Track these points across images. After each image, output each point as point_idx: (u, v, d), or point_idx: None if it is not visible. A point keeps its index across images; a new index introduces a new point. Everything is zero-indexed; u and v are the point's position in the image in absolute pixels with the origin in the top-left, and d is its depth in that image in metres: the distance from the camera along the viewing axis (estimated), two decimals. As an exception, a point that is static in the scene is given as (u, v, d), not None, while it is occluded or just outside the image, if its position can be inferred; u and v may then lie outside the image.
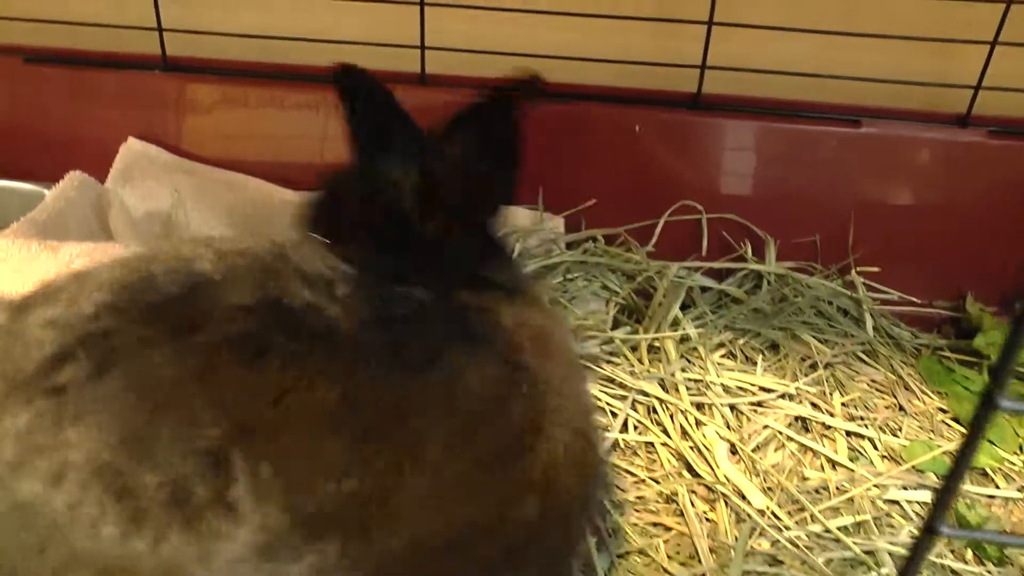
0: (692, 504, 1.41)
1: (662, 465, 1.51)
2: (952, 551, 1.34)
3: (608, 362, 1.65)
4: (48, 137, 2.01)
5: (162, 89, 1.99)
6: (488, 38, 1.93)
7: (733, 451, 1.51)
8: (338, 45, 1.90)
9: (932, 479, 1.47)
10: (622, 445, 1.54)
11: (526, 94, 0.98)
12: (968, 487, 1.46)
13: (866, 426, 1.58)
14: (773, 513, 1.38)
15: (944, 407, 1.65)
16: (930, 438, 1.57)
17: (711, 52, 1.87)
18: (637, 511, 1.44)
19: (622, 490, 1.47)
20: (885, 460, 1.53)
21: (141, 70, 1.98)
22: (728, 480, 1.43)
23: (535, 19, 1.90)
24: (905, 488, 1.45)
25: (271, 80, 1.96)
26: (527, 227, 1.90)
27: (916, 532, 1.35)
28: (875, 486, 1.45)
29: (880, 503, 1.42)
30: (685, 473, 1.49)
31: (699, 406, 1.58)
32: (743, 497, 1.41)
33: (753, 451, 1.50)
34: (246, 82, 1.96)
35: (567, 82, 1.93)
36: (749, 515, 1.37)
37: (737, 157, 1.94)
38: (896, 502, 1.43)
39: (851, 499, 1.43)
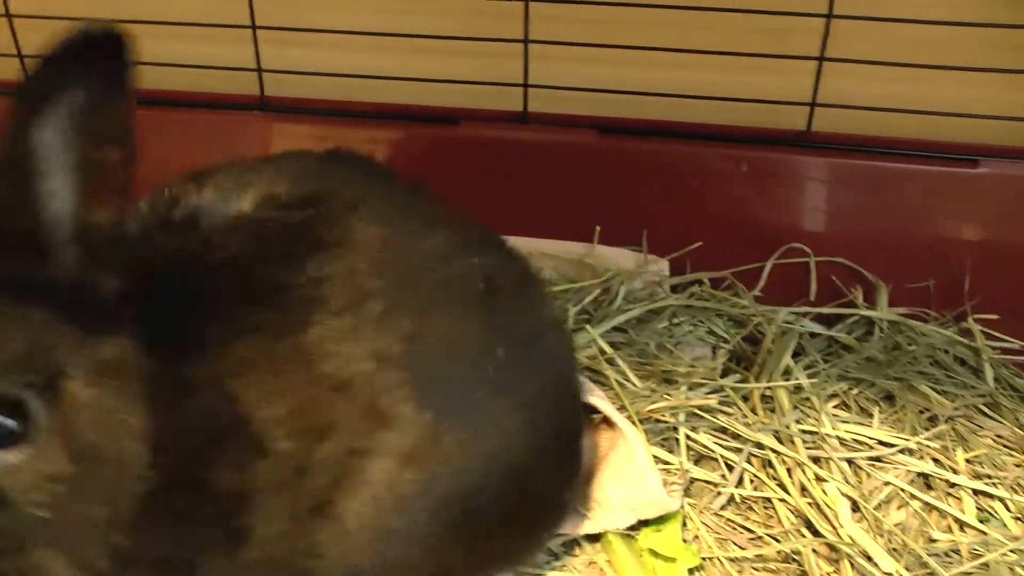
0: (817, 565, 1.34)
1: (780, 522, 1.45)
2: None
3: (720, 411, 1.59)
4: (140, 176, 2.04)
5: (258, 129, 2.01)
6: (590, 77, 1.91)
7: (854, 508, 1.44)
8: (435, 84, 1.91)
9: (1072, 545, 1.38)
10: (737, 499, 1.48)
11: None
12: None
13: (995, 485, 1.50)
14: (902, 577, 1.31)
15: (1078, 466, 1.56)
16: (1066, 500, 1.48)
17: (821, 88, 1.82)
18: (756, 570, 1.38)
19: (740, 547, 1.41)
20: (1019, 522, 1.44)
21: (238, 110, 2.00)
22: (853, 540, 1.36)
23: (639, 56, 1.87)
24: (1044, 554, 1.36)
25: (365, 119, 1.96)
26: (631, 269, 1.87)
27: (1061, 604, 1.27)
28: (1011, 551, 1.37)
29: (1019, 570, 1.34)
30: (805, 531, 1.42)
31: (816, 459, 1.52)
32: (869, 559, 1.34)
33: (875, 509, 1.43)
34: (341, 122, 1.97)
35: (672, 120, 1.90)
36: (877, 579, 1.30)
37: (846, 198, 1.88)
38: (1035, 569, 1.34)
39: (986, 564, 1.35)
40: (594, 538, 1.43)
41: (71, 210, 0.78)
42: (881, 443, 1.56)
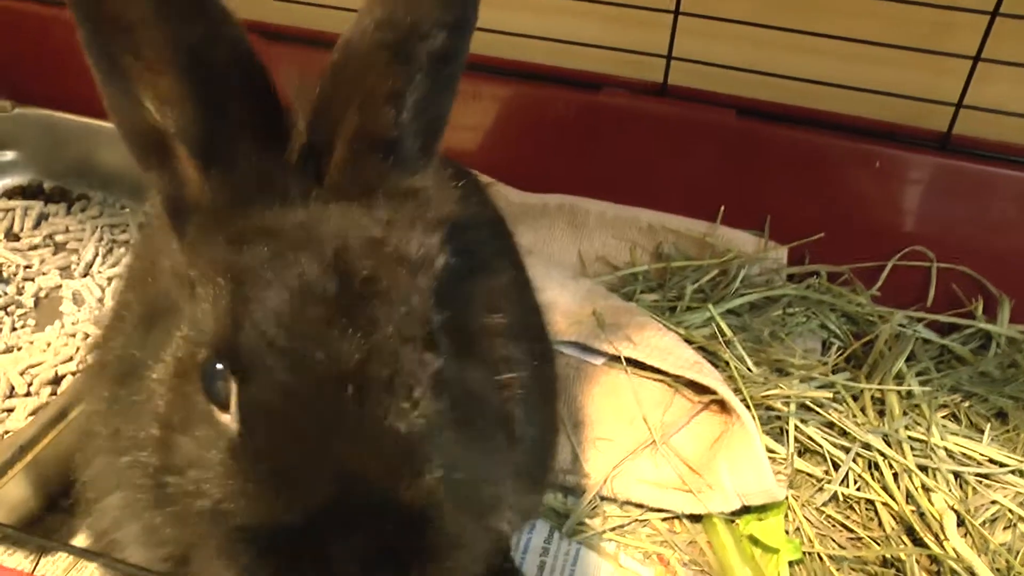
0: (918, 575, 1.35)
1: (881, 526, 1.45)
2: None
3: (830, 407, 1.59)
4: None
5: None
6: (735, 55, 1.88)
7: (959, 523, 1.44)
8: (579, 48, 1.89)
9: None
10: (840, 498, 1.49)
11: None
12: None
13: (1105, 516, 1.48)
14: (1007, 600, 1.31)
15: None
16: None
17: (970, 91, 1.77)
18: (854, 571, 1.40)
19: (840, 546, 1.43)
20: None
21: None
22: (958, 555, 1.37)
23: (786, 39, 1.83)
24: None
25: (505, 76, 1.96)
26: (750, 254, 1.86)
27: None
28: (1118, 587, 1.36)
29: (1125, 606, 1.33)
30: (905, 538, 1.43)
31: (923, 468, 1.51)
32: (973, 575, 1.35)
33: (980, 526, 1.43)
34: (482, 77, 1.97)
35: (809, 107, 1.87)
36: (981, 598, 1.31)
37: (980, 206, 1.84)
38: None
39: (1090, 596, 1.34)
40: (696, 518, 1.45)
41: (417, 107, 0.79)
42: (991, 461, 1.55)
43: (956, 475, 1.52)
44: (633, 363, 1.58)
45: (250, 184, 0.76)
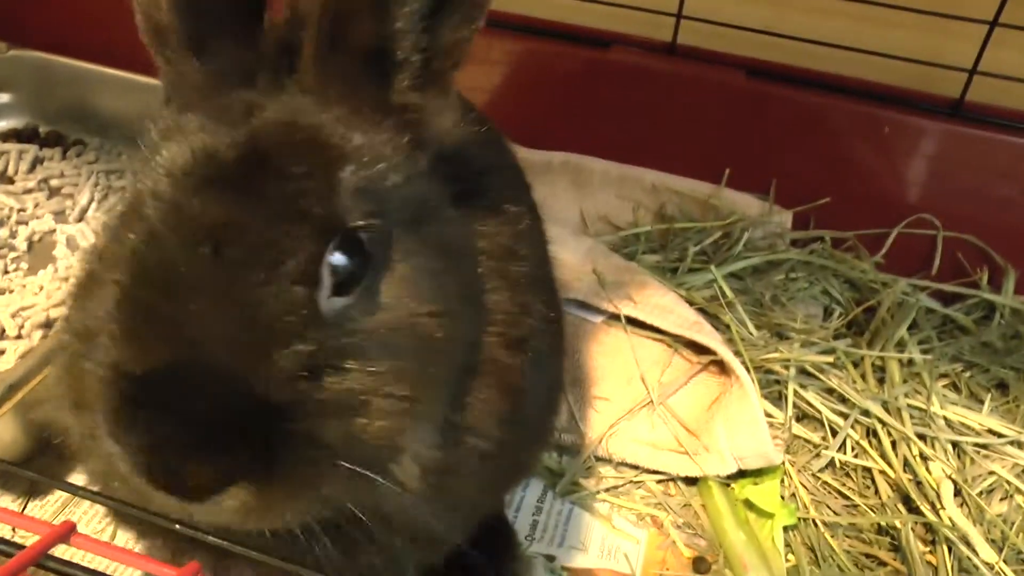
0: (913, 544, 1.34)
1: (878, 494, 1.44)
2: None
3: (830, 372, 1.57)
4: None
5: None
6: (746, 15, 1.84)
7: (955, 492, 1.43)
8: (588, 4, 1.85)
9: None
10: (837, 464, 1.48)
11: None
12: None
13: (1105, 489, 1.48)
14: (1001, 571, 1.30)
15: None
16: None
17: (984, 57, 1.73)
18: (849, 537, 1.39)
19: (835, 513, 1.42)
20: (1123, 531, 1.42)
21: None
22: (954, 524, 1.36)
23: (793, 1, 1.80)
24: None
25: (514, 32, 1.93)
26: (754, 217, 1.83)
27: None
28: (1114, 559, 1.35)
29: (1122, 579, 1.32)
30: (901, 507, 1.42)
31: (921, 437, 1.50)
32: (968, 545, 1.34)
33: (978, 496, 1.42)
34: (488, 32, 1.92)
35: (819, 69, 1.83)
36: (976, 567, 1.30)
37: (989, 175, 1.81)
38: None
39: (1086, 567, 1.33)
40: (691, 481, 1.44)
41: (420, 24, 0.76)
42: (990, 431, 1.54)
43: (954, 445, 1.51)
44: (633, 322, 1.56)
45: (226, 72, 0.78)
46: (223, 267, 0.66)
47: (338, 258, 0.71)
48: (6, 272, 1.65)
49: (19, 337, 1.49)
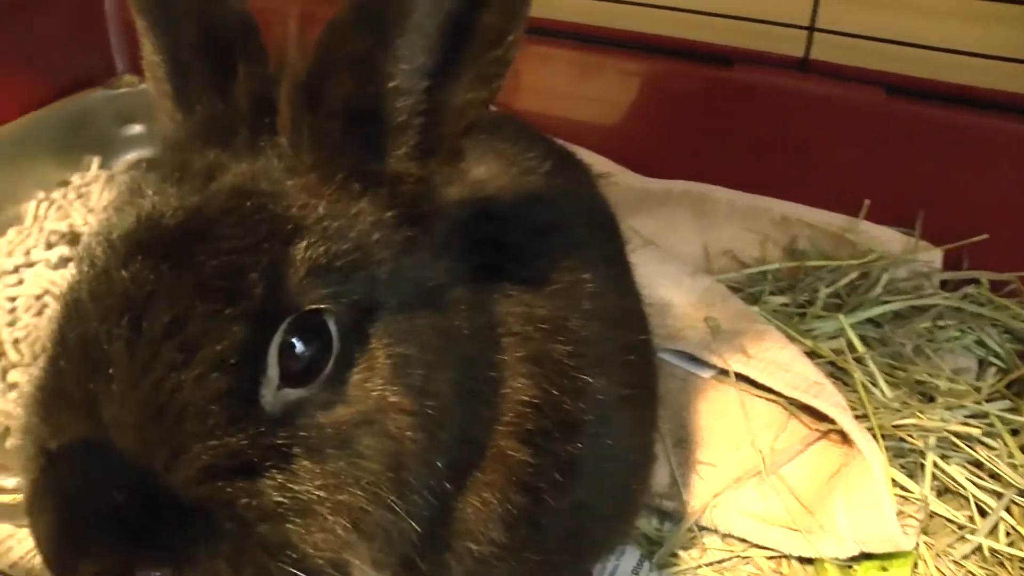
0: (1075, 658, 1.13)
1: (1034, 590, 1.23)
2: None
3: (980, 442, 1.37)
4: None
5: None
6: (886, 26, 1.65)
7: None
8: (709, 18, 1.72)
9: None
10: (986, 551, 1.28)
11: None
12: None
13: None
14: None
15: None
16: None
17: None
18: (994, 639, 1.19)
19: (979, 609, 1.22)
20: None
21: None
22: None
23: (947, 6, 1.60)
24: None
25: (630, 50, 1.81)
26: (896, 255, 1.64)
27: None
28: None
29: None
30: (1063, 608, 1.21)
31: (1094, 526, 1.27)
32: None
33: None
34: (603, 51, 1.83)
35: (972, 85, 1.62)
36: None
37: None
38: None
39: None
40: (807, 560, 1.28)
41: (423, 83, 0.68)
42: None
43: None
44: (746, 379, 1.41)
45: (205, 128, 0.72)
46: (141, 345, 0.59)
47: (293, 344, 0.62)
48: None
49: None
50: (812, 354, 1.48)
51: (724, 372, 1.43)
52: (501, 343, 0.79)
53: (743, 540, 1.31)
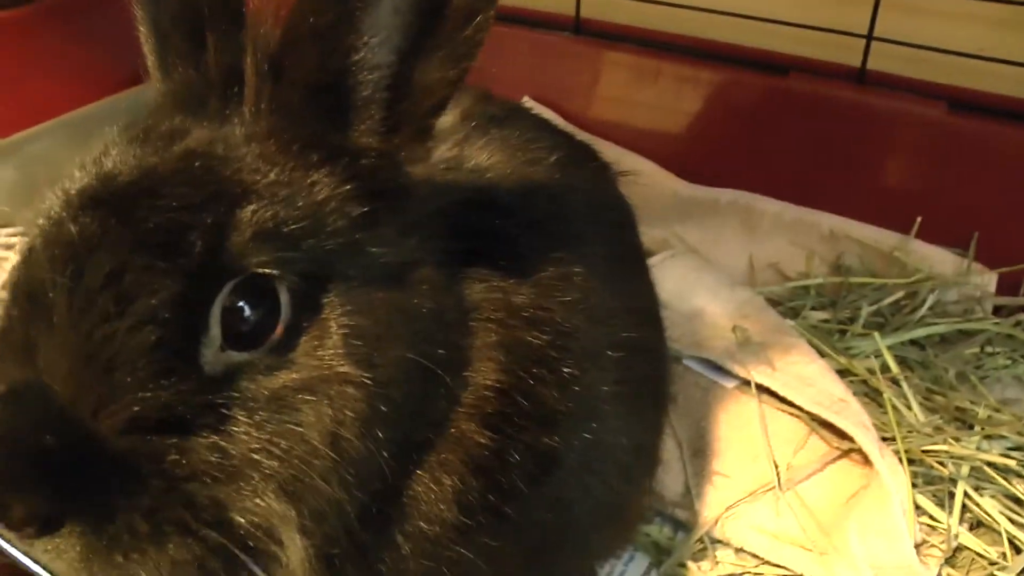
0: None
1: (1066, 635, 1.16)
2: None
3: (1019, 475, 1.29)
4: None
5: (573, 52, 1.90)
6: (949, 37, 1.57)
7: None
8: (764, 25, 1.67)
9: None
10: (1018, 595, 1.21)
11: None
12: None
13: None
14: None
15: None
16: None
17: None
18: None
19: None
20: None
21: (552, 31, 1.90)
22: None
23: (1015, 16, 1.52)
24: None
25: (684, 55, 1.78)
26: (947, 276, 1.56)
27: None
28: None
29: None
30: (1095, 657, 1.13)
31: None
32: None
33: None
34: (657, 54, 1.80)
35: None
36: None
37: None
38: None
39: None
40: (818, 584, 1.23)
41: (392, 59, 0.69)
42: None
43: None
44: (769, 392, 1.37)
45: (179, 95, 0.74)
46: (79, 293, 0.61)
47: (240, 307, 0.63)
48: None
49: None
50: (845, 372, 1.42)
51: (747, 383, 1.39)
52: (470, 326, 0.78)
53: (755, 556, 1.26)
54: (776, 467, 1.31)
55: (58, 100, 1.92)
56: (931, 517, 1.26)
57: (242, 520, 0.63)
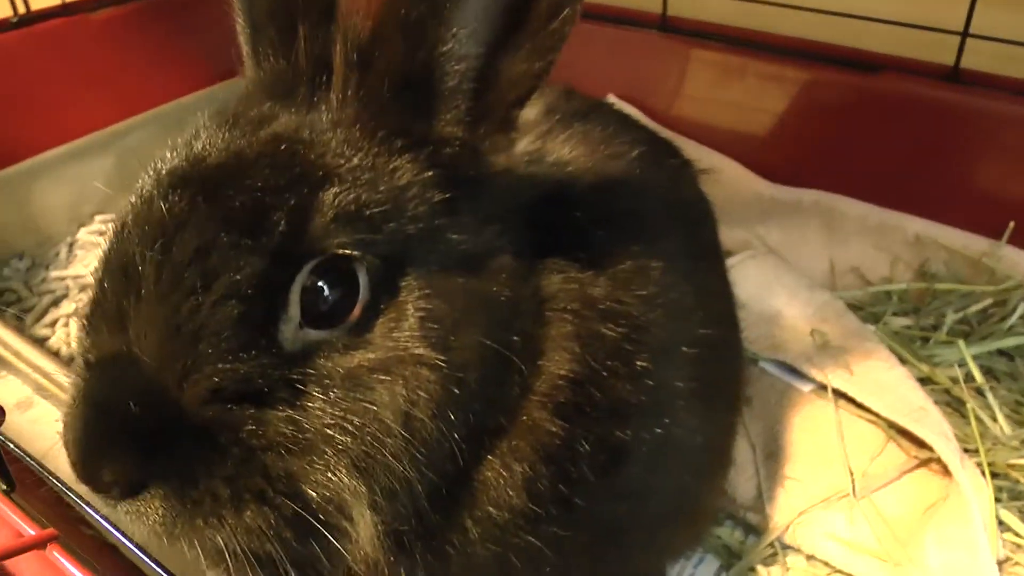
0: None
1: None
2: None
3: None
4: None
5: (656, 50, 1.88)
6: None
7: None
8: (855, 22, 1.63)
9: None
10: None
11: None
12: None
13: None
14: None
15: None
16: None
17: None
18: None
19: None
20: None
21: (637, 27, 1.89)
22: None
23: None
24: None
25: (772, 53, 1.75)
26: (1042, 283, 1.50)
27: None
28: None
29: None
30: None
31: None
32: None
33: None
34: (743, 52, 1.77)
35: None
36: None
37: None
38: None
39: None
40: (893, 595, 1.20)
41: (479, 51, 0.71)
42: None
43: None
44: (846, 397, 1.34)
45: (270, 83, 0.76)
46: (168, 267, 0.64)
47: (320, 287, 0.65)
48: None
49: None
50: (927, 381, 1.38)
51: (824, 387, 1.36)
52: (545, 316, 0.79)
53: (826, 563, 1.24)
54: (851, 474, 1.28)
55: (155, 93, 2.00)
56: (1015, 534, 1.22)
57: (314, 493, 0.65)
